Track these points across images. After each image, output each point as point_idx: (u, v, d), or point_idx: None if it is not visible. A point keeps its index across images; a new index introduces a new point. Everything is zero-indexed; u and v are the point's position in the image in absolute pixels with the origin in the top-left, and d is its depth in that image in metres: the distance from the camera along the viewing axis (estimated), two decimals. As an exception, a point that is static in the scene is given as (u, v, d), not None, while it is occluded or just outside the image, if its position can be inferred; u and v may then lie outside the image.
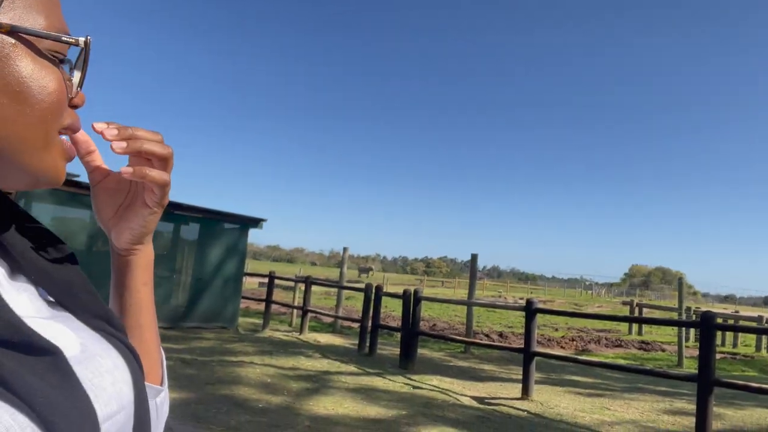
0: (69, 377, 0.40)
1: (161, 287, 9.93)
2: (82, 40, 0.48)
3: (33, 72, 0.44)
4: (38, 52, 0.44)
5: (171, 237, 10.50)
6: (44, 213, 8.83)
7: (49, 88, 0.45)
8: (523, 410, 6.03)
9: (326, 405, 5.48)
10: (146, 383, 0.58)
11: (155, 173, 0.55)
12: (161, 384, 0.64)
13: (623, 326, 18.41)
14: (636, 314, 18.27)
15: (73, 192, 8.87)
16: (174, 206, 9.97)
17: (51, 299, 0.51)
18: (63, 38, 0.46)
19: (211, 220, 10.73)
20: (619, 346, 14.00)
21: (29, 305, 0.47)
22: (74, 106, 0.50)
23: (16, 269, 0.49)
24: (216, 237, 10.80)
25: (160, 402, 0.62)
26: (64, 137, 0.50)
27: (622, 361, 10.83)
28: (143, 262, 0.62)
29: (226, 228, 11.01)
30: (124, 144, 0.52)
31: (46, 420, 0.35)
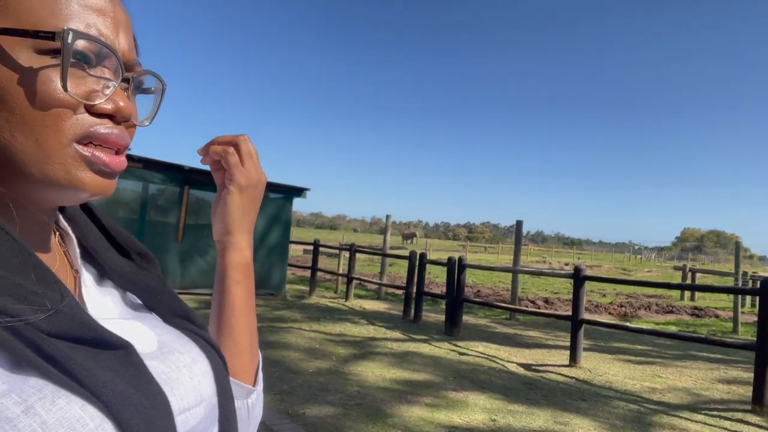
0: (140, 370, 0.42)
1: (210, 255, 10.24)
2: (58, 33, 0.41)
3: (11, 75, 0.40)
4: (17, 52, 0.40)
5: (219, 207, 10.74)
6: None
7: (34, 92, 0.40)
8: (571, 377, 5.98)
9: (374, 370, 5.59)
10: (238, 382, 0.62)
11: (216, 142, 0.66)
12: (254, 385, 0.65)
13: (675, 292, 17.89)
14: (689, 279, 17.71)
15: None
16: (220, 177, 10.14)
17: (139, 302, 0.55)
18: (30, 32, 0.40)
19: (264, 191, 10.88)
20: (671, 312, 13.63)
21: (113, 307, 0.52)
22: (103, 114, 0.44)
23: (103, 274, 0.54)
24: (261, 206, 10.86)
25: (252, 403, 0.63)
26: (90, 148, 0.44)
27: (673, 328, 10.56)
28: (235, 261, 0.66)
29: (271, 197, 11.18)
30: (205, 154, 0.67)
31: (116, 410, 0.37)
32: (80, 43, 0.42)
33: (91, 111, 0.44)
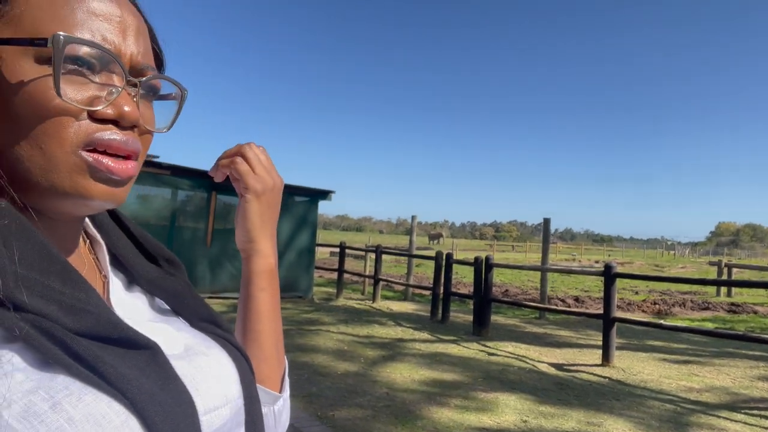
0: (166, 370, 0.42)
1: (238, 259, 10.22)
2: (49, 39, 0.40)
3: (13, 84, 0.40)
4: (19, 61, 0.41)
5: (246, 212, 10.88)
6: (131, 193, 9.38)
7: (32, 102, 0.41)
8: (604, 377, 5.86)
9: (402, 372, 5.57)
10: (264, 388, 0.62)
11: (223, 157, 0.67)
12: (280, 391, 0.65)
13: (710, 288, 17.39)
14: (725, 275, 17.19)
15: (155, 173, 9.37)
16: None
17: (167, 307, 0.56)
18: (25, 40, 0.41)
19: (282, 193, 10.99)
20: (707, 308, 13.25)
21: (141, 311, 0.52)
22: (107, 120, 0.44)
23: (132, 280, 0.55)
24: (287, 210, 11.08)
25: (278, 410, 0.63)
26: (97, 155, 0.43)
27: (709, 325, 10.27)
28: (259, 267, 0.66)
29: (296, 201, 11.26)
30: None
31: (141, 408, 0.38)
32: (82, 49, 0.42)
33: (94, 117, 0.43)
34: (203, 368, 0.49)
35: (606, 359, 6.38)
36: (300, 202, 11.31)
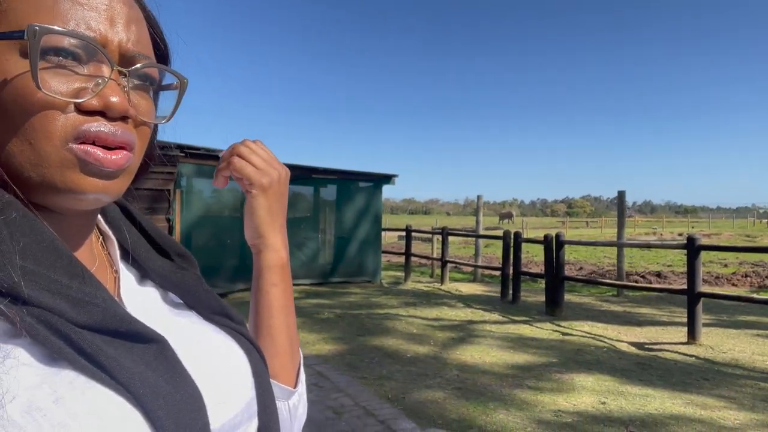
0: (173, 364, 0.42)
1: (308, 247, 10.65)
2: (25, 31, 0.39)
3: (1, 79, 0.40)
4: (6, 56, 0.40)
5: (312, 199, 11.13)
6: (206, 187, 9.82)
7: (17, 96, 0.40)
8: (691, 355, 5.51)
9: (473, 354, 5.49)
10: (277, 383, 0.63)
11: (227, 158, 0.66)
12: (295, 386, 0.65)
13: (811, 257, 15.93)
14: (828, 243, 15.69)
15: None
16: (311, 170, 10.49)
17: (180, 301, 0.57)
18: (5, 33, 0.40)
19: (346, 180, 11.13)
20: (807, 280, 12.16)
21: (153, 306, 0.52)
22: (94, 111, 0.42)
23: (144, 275, 0.55)
24: (352, 195, 11.22)
25: (293, 405, 0.64)
26: (86, 146, 0.42)
27: (811, 298, 9.41)
28: (271, 262, 0.66)
29: (360, 186, 11.37)
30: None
31: (144, 401, 0.38)
32: (66, 40, 0.41)
33: (81, 109, 0.42)
34: (215, 361, 0.49)
35: (692, 337, 6.00)
36: (364, 188, 11.40)
